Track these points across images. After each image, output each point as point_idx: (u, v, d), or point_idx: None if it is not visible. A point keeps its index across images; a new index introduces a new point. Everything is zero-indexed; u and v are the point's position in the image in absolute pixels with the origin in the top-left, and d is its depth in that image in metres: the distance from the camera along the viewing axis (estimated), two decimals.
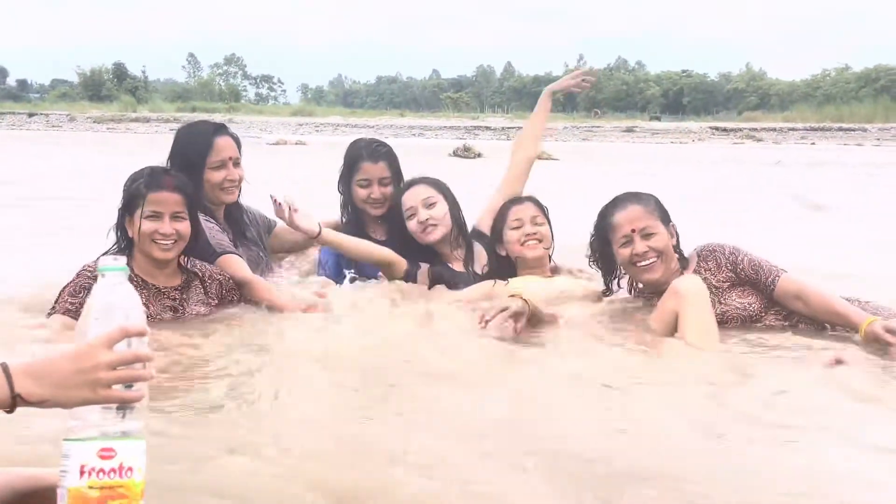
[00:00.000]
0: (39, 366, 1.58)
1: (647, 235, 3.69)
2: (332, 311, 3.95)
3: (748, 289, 3.75)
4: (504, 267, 4.28)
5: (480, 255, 4.48)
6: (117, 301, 1.67)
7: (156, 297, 3.70)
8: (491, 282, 4.22)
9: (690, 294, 3.51)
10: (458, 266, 4.47)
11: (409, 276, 4.37)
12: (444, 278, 4.38)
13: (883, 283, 4.59)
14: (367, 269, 4.51)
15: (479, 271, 4.41)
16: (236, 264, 4.04)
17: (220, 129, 4.38)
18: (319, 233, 4.15)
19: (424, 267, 4.42)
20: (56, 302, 3.60)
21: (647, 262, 3.70)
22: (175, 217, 3.58)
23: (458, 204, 4.53)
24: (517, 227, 4.21)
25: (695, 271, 3.76)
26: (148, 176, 3.59)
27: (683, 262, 3.81)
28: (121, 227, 3.66)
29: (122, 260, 1.72)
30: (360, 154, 4.60)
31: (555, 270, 4.36)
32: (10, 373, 1.55)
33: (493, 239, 4.32)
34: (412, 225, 4.40)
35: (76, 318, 3.38)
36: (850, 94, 72.64)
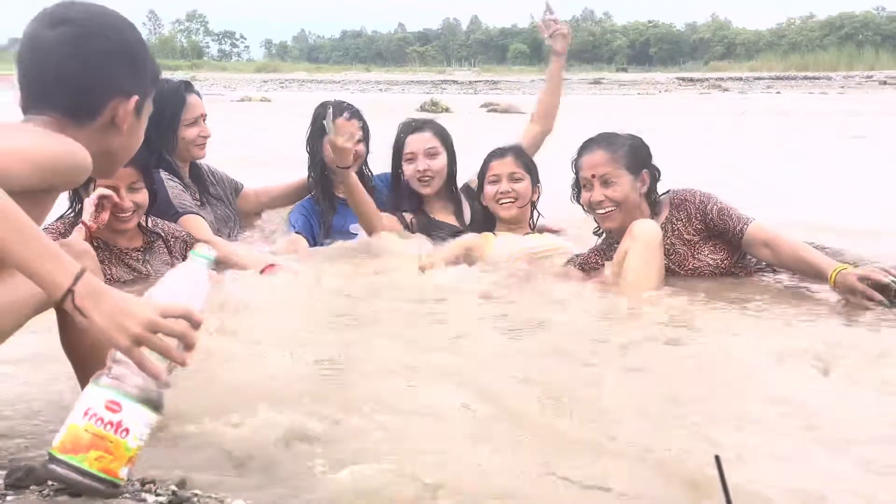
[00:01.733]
0: (101, 288, 1.59)
1: (605, 183, 3.66)
2: (293, 270, 3.90)
3: (720, 243, 3.74)
4: (487, 220, 4.28)
5: (466, 208, 4.53)
6: (194, 285, 1.73)
7: (119, 260, 3.66)
8: (469, 236, 4.22)
9: (640, 237, 3.53)
10: (441, 216, 4.48)
11: (402, 221, 4.41)
12: (427, 228, 4.39)
13: (862, 233, 4.62)
14: (344, 231, 4.49)
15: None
16: (196, 224, 4.04)
17: (189, 86, 4.43)
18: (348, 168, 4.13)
19: (407, 216, 4.43)
20: None
21: (604, 210, 3.69)
22: (131, 189, 3.53)
23: (455, 155, 4.52)
24: (493, 182, 4.19)
25: (667, 219, 3.74)
26: None
27: (655, 209, 3.77)
28: (75, 192, 3.58)
29: (214, 253, 1.78)
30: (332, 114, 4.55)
31: (537, 227, 4.34)
32: (82, 278, 1.57)
33: (478, 190, 4.32)
34: (409, 170, 4.41)
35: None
36: (814, 43, 73.08)
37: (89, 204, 3.44)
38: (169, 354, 1.62)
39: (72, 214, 3.64)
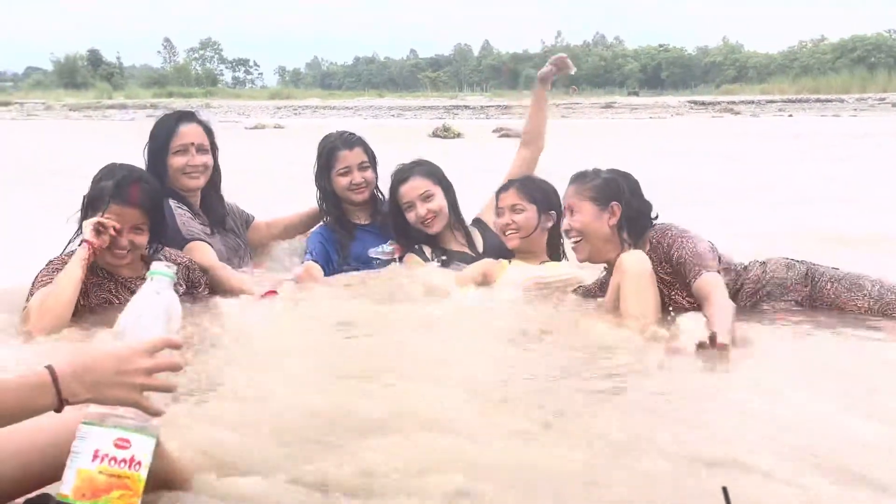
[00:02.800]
0: (82, 364, 1.63)
1: (571, 212, 3.80)
2: (293, 297, 3.94)
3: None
4: (504, 249, 4.36)
5: (477, 237, 4.60)
6: (163, 306, 1.75)
7: (124, 287, 3.68)
8: (486, 261, 4.32)
9: (629, 269, 3.54)
10: (453, 246, 4.55)
11: (420, 253, 4.49)
12: (446, 259, 4.46)
13: None
14: (363, 258, 4.58)
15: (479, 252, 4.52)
16: (201, 249, 4.11)
17: (187, 116, 4.44)
18: None
19: (426, 250, 4.51)
20: (32, 289, 3.59)
21: (572, 239, 3.84)
22: (134, 229, 3.57)
23: (452, 188, 4.59)
24: (500, 215, 4.33)
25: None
26: (115, 185, 3.54)
27: (637, 243, 3.74)
28: (84, 219, 3.64)
29: (173, 268, 1.80)
30: (335, 145, 4.64)
31: (554, 255, 4.42)
32: (57, 376, 1.60)
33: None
34: (411, 217, 4.48)
35: None
36: (826, 65, 72.95)
37: (88, 225, 3.49)
38: (169, 389, 1.69)
39: (73, 250, 3.66)
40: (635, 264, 3.56)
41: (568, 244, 4.07)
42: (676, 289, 3.66)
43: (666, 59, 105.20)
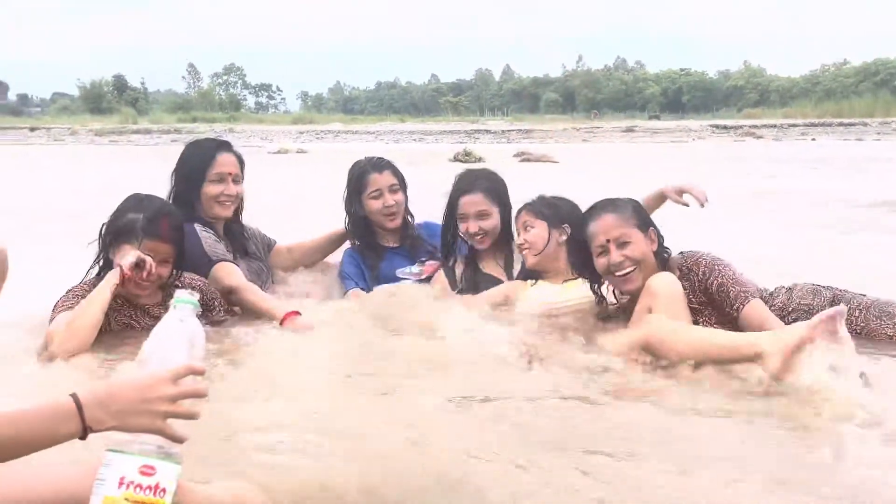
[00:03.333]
0: (106, 392, 1.65)
1: (622, 244, 3.64)
2: (308, 324, 3.91)
3: (721, 313, 3.61)
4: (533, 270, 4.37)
5: (518, 258, 4.59)
6: (186, 334, 1.77)
7: (144, 312, 3.74)
8: (506, 284, 4.34)
9: (660, 292, 3.47)
10: (489, 268, 4.54)
11: (447, 273, 4.53)
12: (474, 280, 4.48)
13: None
14: (391, 278, 4.62)
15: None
16: (229, 270, 4.14)
17: (224, 145, 4.48)
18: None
19: (457, 270, 4.52)
20: (53, 314, 3.61)
21: (624, 271, 3.65)
22: (162, 263, 3.62)
23: (510, 208, 4.54)
24: (518, 235, 4.36)
25: None
26: (147, 220, 3.59)
27: (664, 268, 3.69)
28: (105, 248, 3.68)
29: (196, 295, 1.82)
30: (365, 169, 4.71)
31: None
32: (81, 404, 1.62)
33: None
34: (462, 228, 4.49)
35: None
36: (849, 89, 72.71)
37: (130, 256, 3.51)
38: (193, 416, 1.70)
39: (94, 277, 3.72)
40: (667, 286, 3.50)
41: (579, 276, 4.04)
42: (705, 316, 3.61)
43: (687, 82, 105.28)
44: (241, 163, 4.45)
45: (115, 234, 3.65)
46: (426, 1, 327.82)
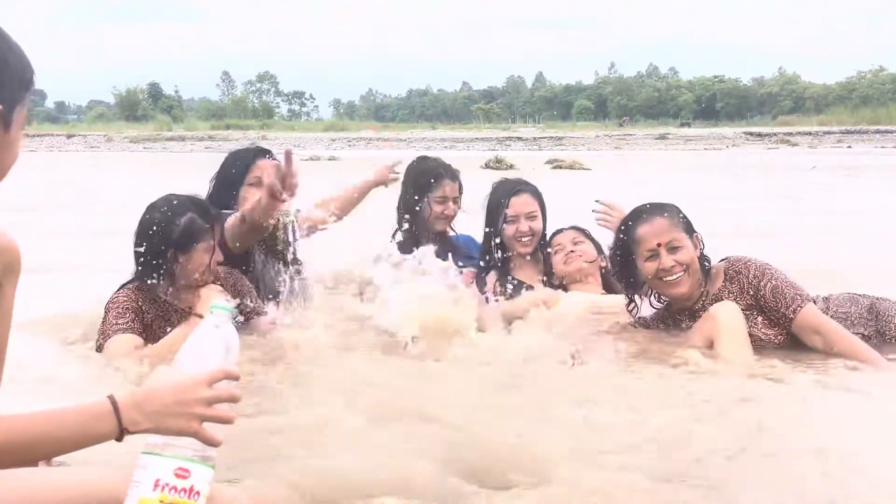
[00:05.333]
0: (143, 394, 1.67)
1: (673, 249, 3.58)
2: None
3: (772, 319, 3.57)
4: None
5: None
6: (222, 339, 1.78)
7: (185, 319, 3.74)
8: (541, 291, 4.33)
9: (725, 322, 3.42)
10: (522, 275, 4.53)
11: (479, 283, 4.52)
12: (510, 289, 4.45)
13: None
14: None
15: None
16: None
17: (265, 152, 4.50)
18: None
19: (491, 279, 4.51)
20: (103, 326, 3.63)
21: (674, 276, 3.59)
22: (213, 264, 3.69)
23: (546, 215, 4.59)
24: (557, 253, 4.42)
25: (719, 290, 3.64)
26: (198, 222, 3.61)
27: (707, 275, 3.66)
28: (152, 258, 3.62)
29: (233, 303, 1.82)
30: (440, 172, 4.73)
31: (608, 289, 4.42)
32: (119, 407, 1.64)
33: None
34: (510, 230, 4.48)
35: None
36: (886, 96, 71.80)
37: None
38: (227, 420, 1.70)
39: (138, 281, 3.70)
40: (732, 316, 3.45)
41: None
42: (751, 320, 3.55)
43: (721, 89, 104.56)
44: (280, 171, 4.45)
45: (176, 242, 3.59)
46: (458, 10, 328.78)
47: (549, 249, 4.51)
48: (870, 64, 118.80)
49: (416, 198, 4.74)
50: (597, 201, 4.28)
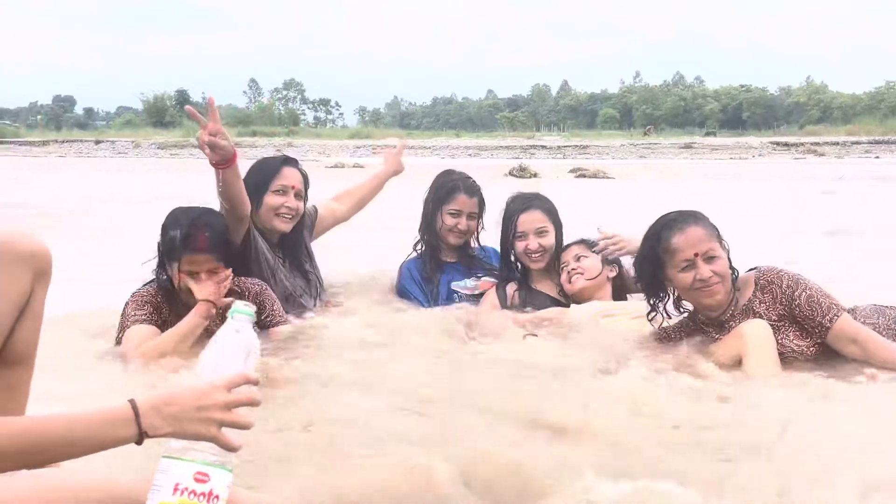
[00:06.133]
0: (163, 399, 1.69)
1: (709, 259, 3.52)
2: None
3: (807, 329, 3.52)
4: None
5: None
6: (242, 344, 1.81)
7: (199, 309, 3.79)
8: (559, 308, 4.37)
9: (754, 339, 3.38)
10: (543, 286, 4.57)
11: (500, 293, 4.56)
12: (528, 299, 4.50)
13: None
14: (445, 291, 4.71)
15: None
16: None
17: (291, 161, 4.52)
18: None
19: (510, 289, 4.56)
20: (122, 319, 3.73)
21: (711, 286, 3.53)
22: (210, 273, 3.67)
23: (562, 227, 4.61)
24: (563, 270, 4.46)
25: (749, 300, 3.59)
26: (184, 234, 3.63)
27: (734, 284, 3.61)
28: (162, 264, 3.75)
29: (253, 307, 1.86)
30: (458, 186, 4.76)
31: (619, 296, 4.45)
32: (139, 409, 1.66)
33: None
34: (520, 246, 4.52)
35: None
36: None
37: (214, 286, 3.64)
38: (246, 425, 1.72)
39: (159, 280, 3.79)
40: (762, 333, 3.41)
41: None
42: (783, 332, 3.51)
43: (747, 99, 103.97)
44: (306, 180, 4.47)
45: (164, 253, 3.72)
46: (484, 17, 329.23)
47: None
48: None
49: (433, 210, 4.78)
50: (598, 229, 4.29)
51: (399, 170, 5.17)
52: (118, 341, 3.70)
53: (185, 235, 3.62)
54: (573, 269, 4.39)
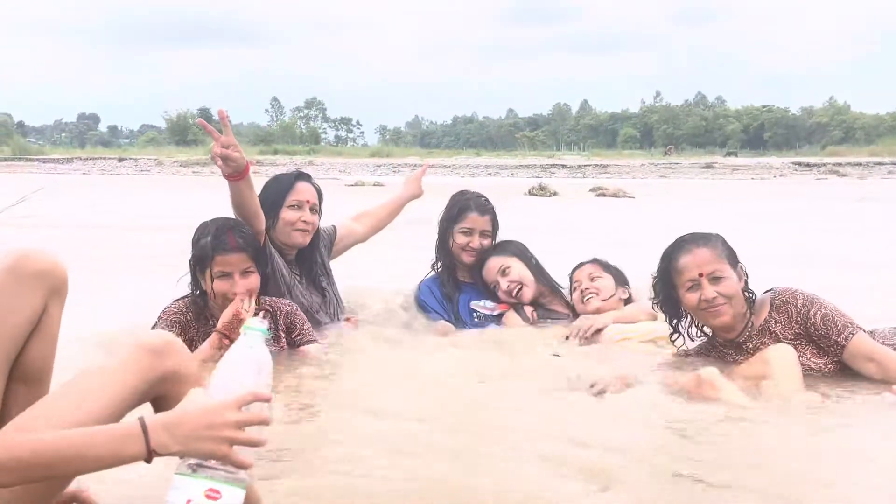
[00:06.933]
0: (173, 418, 1.70)
1: (715, 280, 3.55)
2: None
3: (823, 347, 3.53)
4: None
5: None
6: (254, 361, 1.81)
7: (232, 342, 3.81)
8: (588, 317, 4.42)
9: (780, 364, 3.32)
10: (555, 306, 4.73)
11: (520, 312, 4.67)
12: (546, 318, 4.66)
13: None
14: (464, 311, 4.76)
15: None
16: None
17: (304, 176, 4.55)
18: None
19: (528, 310, 4.67)
20: None
21: (716, 307, 3.56)
22: (244, 273, 3.69)
23: (532, 259, 4.75)
24: (576, 290, 4.58)
25: (765, 321, 3.61)
26: (213, 237, 3.68)
27: (751, 306, 3.64)
28: (194, 278, 3.79)
29: (266, 324, 1.86)
30: (469, 205, 4.81)
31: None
32: (148, 428, 1.67)
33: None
34: (502, 295, 4.66)
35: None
36: None
37: (229, 315, 3.63)
38: (257, 444, 1.73)
39: (191, 295, 3.83)
40: (789, 358, 3.35)
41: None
42: (800, 351, 3.48)
43: (769, 119, 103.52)
44: (320, 194, 4.51)
45: (196, 264, 3.76)
46: (504, 36, 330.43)
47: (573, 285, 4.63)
48: None
49: (445, 229, 4.83)
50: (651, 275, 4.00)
51: (418, 194, 5.19)
52: None
53: (215, 237, 3.67)
54: (587, 289, 4.50)
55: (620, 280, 4.56)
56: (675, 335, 3.86)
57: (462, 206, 4.81)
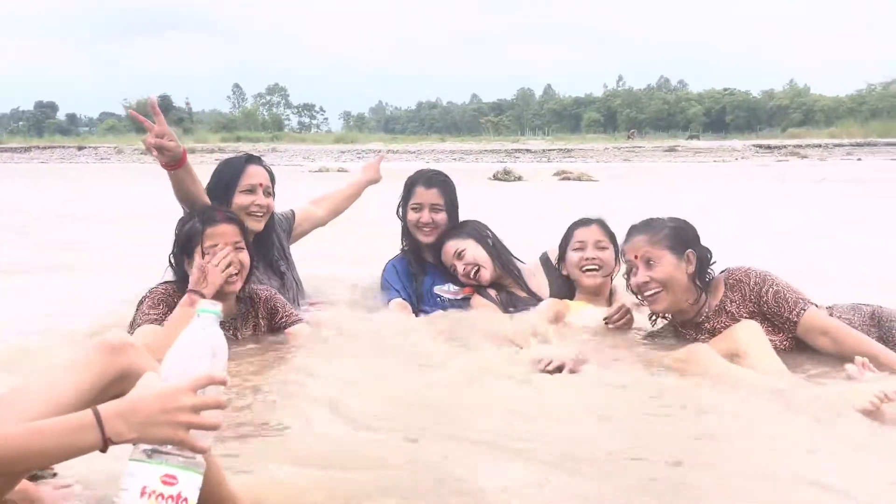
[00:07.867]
0: (127, 405, 1.67)
1: (648, 264, 3.64)
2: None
3: (776, 325, 3.59)
4: (563, 288, 4.42)
5: (541, 277, 4.65)
6: (208, 344, 1.77)
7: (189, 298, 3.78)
8: (555, 301, 4.31)
9: (752, 338, 3.36)
10: (520, 291, 4.61)
11: (485, 295, 4.58)
12: (509, 302, 4.52)
13: None
14: (428, 294, 4.70)
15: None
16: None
17: (253, 158, 4.52)
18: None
19: (492, 293, 4.58)
20: (136, 315, 3.70)
21: (651, 291, 3.65)
22: (236, 247, 3.65)
23: (488, 240, 4.63)
24: (578, 250, 4.33)
25: (721, 301, 3.67)
26: (201, 213, 3.69)
27: (706, 288, 3.70)
28: (179, 266, 3.74)
29: (219, 306, 1.81)
30: (416, 180, 4.78)
31: (612, 297, 4.39)
32: (102, 418, 1.64)
33: (559, 257, 4.47)
34: (461, 278, 4.59)
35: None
36: None
37: (197, 271, 3.56)
38: (213, 427, 1.70)
39: (178, 282, 3.76)
40: (753, 331, 3.39)
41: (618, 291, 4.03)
42: None
43: (731, 102, 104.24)
44: (272, 176, 4.48)
45: (182, 247, 3.71)
46: (467, 22, 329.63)
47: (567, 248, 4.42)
48: (881, 76, 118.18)
49: (402, 208, 4.80)
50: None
51: (377, 178, 5.29)
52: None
53: (202, 214, 3.69)
54: (590, 259, 4.29)
55: (618, 252, 4.27)
56: (654, 317, 3.89)
57: (410, 183, 4.78)
